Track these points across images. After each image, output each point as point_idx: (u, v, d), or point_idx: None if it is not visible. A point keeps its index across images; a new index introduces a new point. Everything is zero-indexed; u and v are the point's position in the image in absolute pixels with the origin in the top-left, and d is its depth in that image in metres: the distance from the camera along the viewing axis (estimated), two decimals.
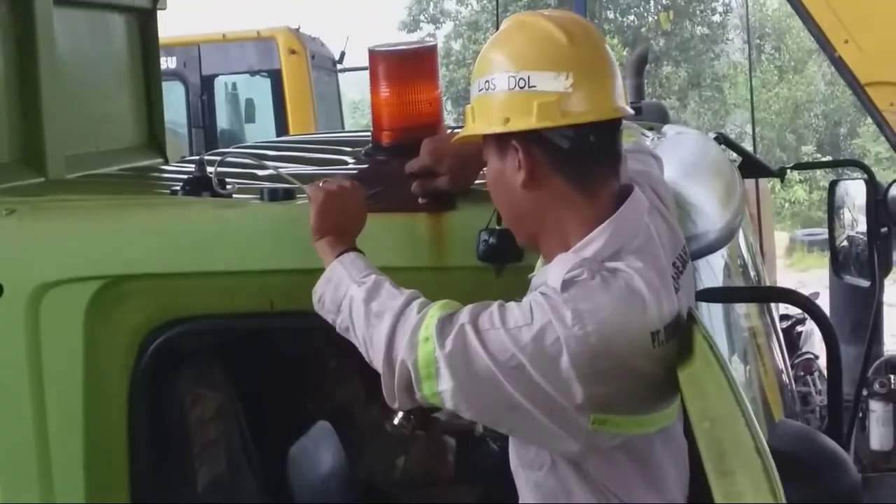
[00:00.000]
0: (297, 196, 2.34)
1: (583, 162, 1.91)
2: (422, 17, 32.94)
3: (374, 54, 2.49)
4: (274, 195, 2.33)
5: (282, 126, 9.62)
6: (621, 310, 1.77)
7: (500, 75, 1.90)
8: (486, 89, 1.92)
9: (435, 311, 1.86)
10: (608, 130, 1.92)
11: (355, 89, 21.67)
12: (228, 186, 2.43)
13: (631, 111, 1.99)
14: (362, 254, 2.09)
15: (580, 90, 1.87)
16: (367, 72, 2.52)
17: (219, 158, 2.52)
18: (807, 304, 2.12)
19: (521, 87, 1.88)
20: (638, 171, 2.06)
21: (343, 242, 2.09)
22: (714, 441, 1.59)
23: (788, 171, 4.59)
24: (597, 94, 1.89)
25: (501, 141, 1.91)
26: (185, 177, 2.49)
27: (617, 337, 1.76)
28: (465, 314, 1.83)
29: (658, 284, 1.82)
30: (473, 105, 1.96)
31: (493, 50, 1.95)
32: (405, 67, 2.49)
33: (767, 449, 1.55)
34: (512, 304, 1.83)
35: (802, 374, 4.51)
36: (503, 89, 1.90)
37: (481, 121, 1.93)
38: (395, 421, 3.34)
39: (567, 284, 1.79)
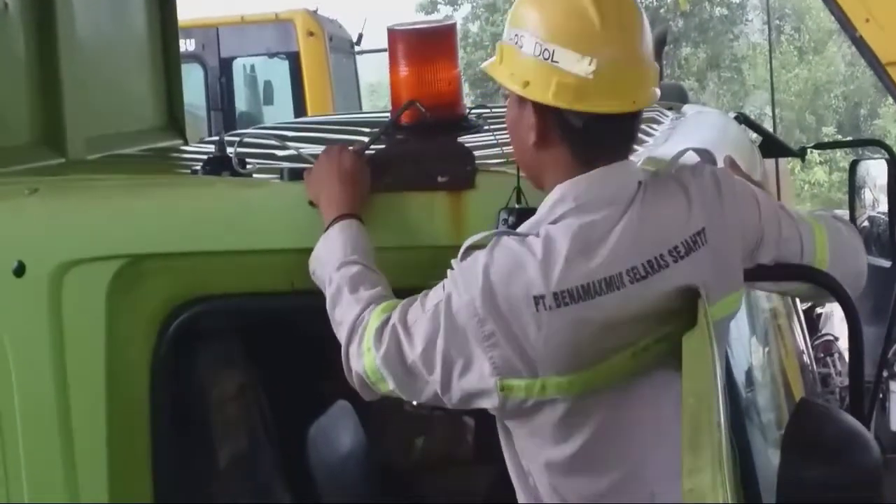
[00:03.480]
0: None
1: (592, 141, 1.91)
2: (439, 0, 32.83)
3: (393, 33, 2.48)
4: (294, 175, 2.34)
5: (300, 108, 9.63)
6: (499, 274, 1.82)
7: (529, 37, 1.90)
8: (515, 43, 1.92)
9: (374, 319, 1.94)
10: (625, 118, 1.91)
11: (373, 72, 21.63)
12: (248, 166, 2.44)
13: (655, 98, 1.96)
14: (357, 220, 2.10)
15: (602, 78, 1.85)
16: (385, 54, 2.52)
17: (238, 139, 2.53)
18: (829, 283, 2.10)
19: (545, 59, 1.87)
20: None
21: (336, 208, 2.11)
22: (694, 416, 1.68)
23: (809, 150, 4.56)
24: (618, 85, 1.87)
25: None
26: (206, 157, 2.49)
27: (496, 299, 1.81)
28: (396, 313, 1.92)
29: (563, 250, 1.82)
30: (503, 48, 1.96)
31: (531, 6, 1.93)
32: (424, 46, 2.48)
33: (723, 421, 1.65)
34: (434, 289, 1.90)
35: (822, 355, 4.51)
36: (528, 52, 1.90)
37: (505, 69, 1.94)
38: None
39: (465, 254, 1.88)
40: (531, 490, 1.98)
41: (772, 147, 3.88)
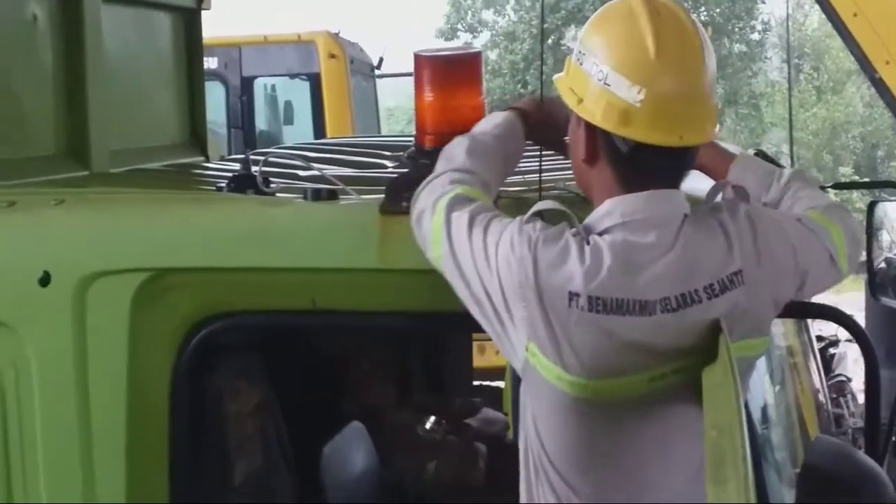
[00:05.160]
0: (340, 196, 2.36)
1: (636, 167, 1.93)
2: (459, 26, 32.99)
3: (419, 58, 2.50)
4: (317, 195, 2.36)
5: (319, 129, 9.66)
6: (547, 258, 1.86)
7: (590, 57, 1.94)
8: (579, 61, 1.97)
9: (461, 189, 2.01)
10: (673, 152, 1.92)
11: (391, 96, 21.74)
12: (272, 185, 2.46)
13: (709, 137, 1.97)
14: (520, 117, 2.20)
15: (649, 108, 1.88)
16: (404, 78, 2.55)
17: (262, 158, 2.55)
18: (847, 322, 2.11)
19: (599, 80, 1.91)
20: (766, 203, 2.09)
21: (521, 104, 2.26)
22: (717, 448, 1.70)
23: (826, 190, 4.55)
24: (667, 117, 1.88)
25: None
26: (229, 174, 2.51)
27: (535, 273, 1.85)
28: (473, 206, 1.97)
29: (607, 260, 1.85)
30: (569, 63, 2.01)
31: (596, 27, 1.98)
32: (450, 72, 2.50)
33: (749, 456, 1.68)
34: (503, 218, 1.95)
35: (835, 396, 4.49)
36: (588, 71, 1.94)
37: (567, 82, 1.99)
38: (427, 425, 3.36)
39: (531, 218, 1.92)
40: (529, 462, 2.00)
41: None
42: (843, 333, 4.76)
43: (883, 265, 4.85)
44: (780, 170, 2.29)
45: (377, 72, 11.13)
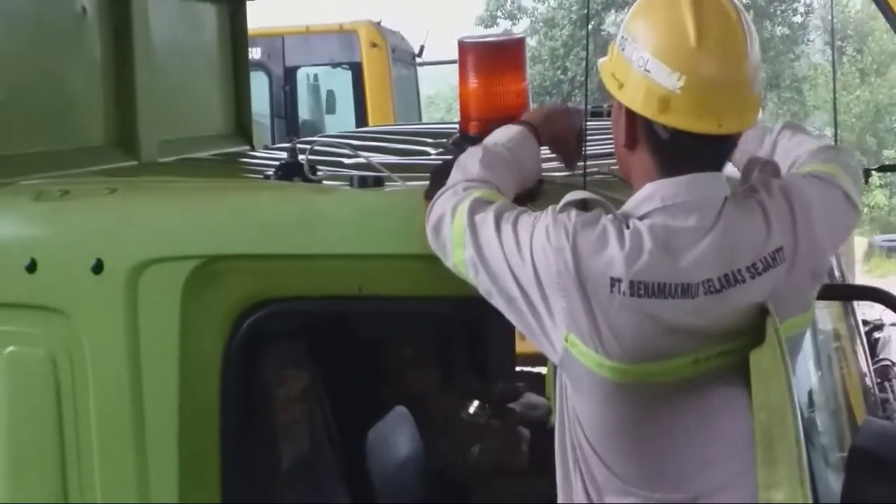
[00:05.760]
0: (386, 183, 2.39)
1: (676, 153, 1.93)
2: (499, 13, 32.91)
3: (463, 45, 2.52)
4: (363, 182, 2.38)
5: (361, 118, 9.68)
6: (586, 244, 1.86)
7: (632, 42, 1.95)
8: (621, 46, 1.97)
9: (480, 192, 2.01)
10: (713, 138, 1.92)
11: (431, 84, 21.73)
12: (319, 173, 2.48)
13: (750, 123, 1.97)
14: (533, 135, 2.20)
15: (689, 95, 1.88)
16: (444, 66, 2.56)
17: (309, 146, 2.57)
18: (894, 304, 2.10)
19: (640, 66, 1.92)
20: (799, 176, 2.05)
21: (532, 117, 2.27)
22: (766, 430, 1.71)
23: (872, 172, 4.51)
24: (706, 104, 1.88)
25: None
26: (276, 162, 2.54)
27: (579, 264, 1.85)
28: (496, 205, 1.98)
29: (648, 244, 1.85)
30: (613, 47, 2.01)
31: (639, 13, 1.98)
32: (494, 59, 2.51)
33: (803, 438, 1.69)
34: (530, 212, 1.95)
35: (880, 380, 4.45)
36: (629, 57, 1.94)
37: (610, 67, 1.99)
38: (471, 410, 3.38)
39: (564, 207, 1.92)
40: (567, 447, 2.01)
41: None
42: (887, 317, 4.72)
43: None
44: (770, 126, 2.32)
45: (418, 60, 11.14)
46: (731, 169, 2.08)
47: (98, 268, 2.30)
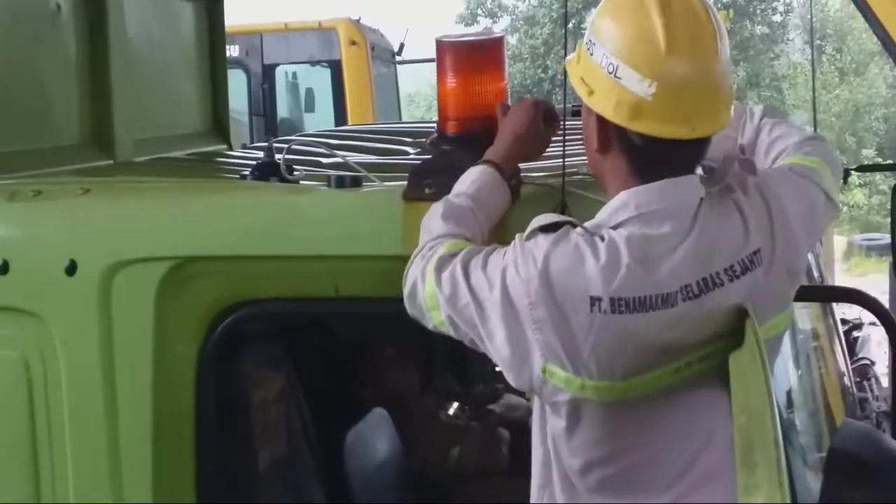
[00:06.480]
0: (363, 183, 2.37)
1: (650, 159, 1.91)
2: (479, 11, 32.89)
3: (441, 44, 2.50)
4: (340, 182, 2.36)
5: (340, 116, 9.68)
6: (560, 265, 1.83)
7: (599, 47, 1.90)
8: (589, 50, 1.94)
9: (444, 248, 1.99)
10: (687, 142, 1.89)
11: (411, 82, 21.70)
12: (296, 173, 2.46)
13: (722, 125, 1.93)
14: (496, 173, 2.13)
15: (661, 101, 1.84)
16: (424, 65, 2.54)
17: (286, 146, 2.55)
18: (874, 305, 2.10)
19: (610, 72, 1.88)
20: (776, 171, 2.04)
21: (493, 153, 2.18)
22: (746, 434, 1.70)
23: (851, 172, 4.52)
24: (679, 110, 1.85)
25: None
26: (253, 162, 2.52)
27: (553, 289, 1.83)
28: (461, 254, 1.96)
29: (625, 257, 1.82)
30: (580, 49, 1.97)
31: (605, 15, 1.93)
32: (472, 58, 2.49)
33: (781, 441, 1.67)
34: (499, 248, 1.93)
35: (859, 379, 4.45)
36: (597, 62, 1.90)
37: (578, 71, 1.95)
38: (450, 411, 3.36)
39: (531, 234, 1.89)
40: (549, 471, 2.00)
41: None
42: (866, 316, 4.73)
43: None
44: (750, 108, 2.29)
45: (398, 58, 11.12)
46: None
47: (71, 269, 2.28)
